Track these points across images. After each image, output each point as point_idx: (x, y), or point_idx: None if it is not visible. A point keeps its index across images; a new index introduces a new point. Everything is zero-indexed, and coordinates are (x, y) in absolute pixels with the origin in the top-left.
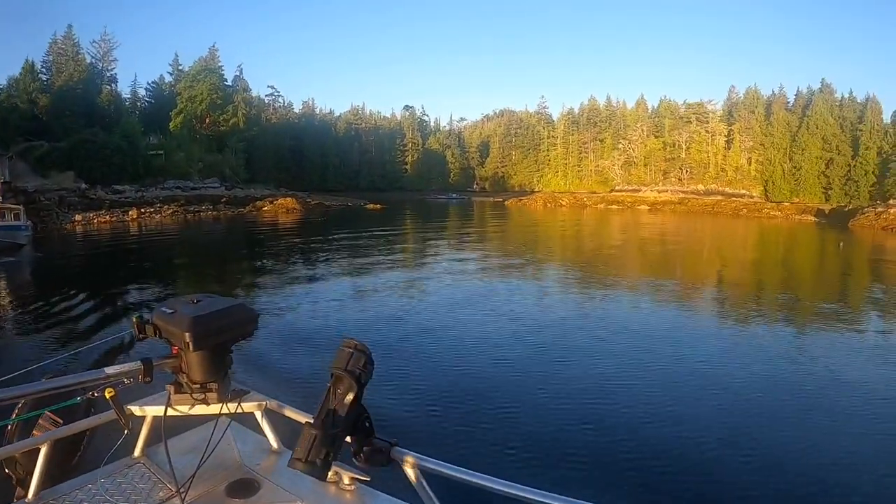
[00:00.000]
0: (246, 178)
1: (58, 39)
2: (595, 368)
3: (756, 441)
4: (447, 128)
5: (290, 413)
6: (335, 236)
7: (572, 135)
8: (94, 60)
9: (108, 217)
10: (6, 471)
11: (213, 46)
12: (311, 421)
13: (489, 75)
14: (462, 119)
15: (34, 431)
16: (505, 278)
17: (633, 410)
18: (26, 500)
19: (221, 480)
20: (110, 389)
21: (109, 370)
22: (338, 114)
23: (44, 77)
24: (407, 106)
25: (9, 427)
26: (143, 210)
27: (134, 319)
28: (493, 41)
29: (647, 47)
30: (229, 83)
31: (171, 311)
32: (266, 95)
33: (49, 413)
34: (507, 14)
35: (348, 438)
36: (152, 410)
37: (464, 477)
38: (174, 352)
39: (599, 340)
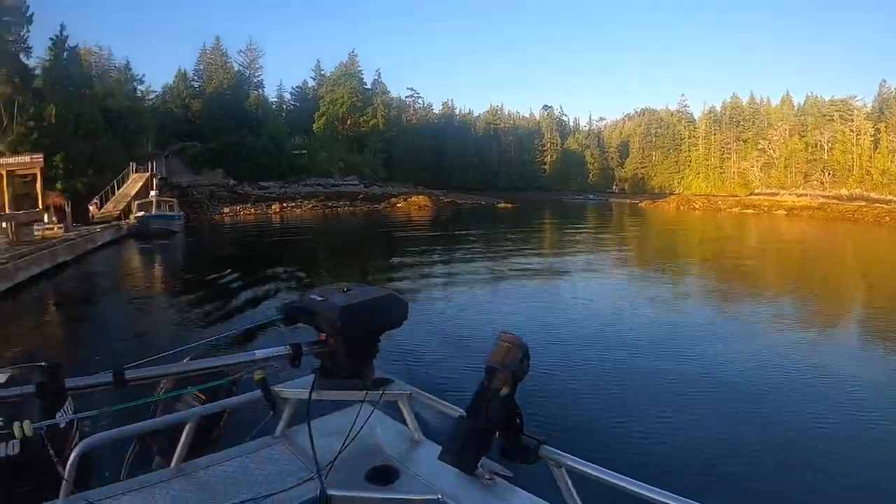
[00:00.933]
0: (384, 176)
1: (207, 50)
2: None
3: None
4: (586, 128)
5: (434, 404)
6: (461, 233)
7: (714, 134)
8: (241, 68)
9: (252, 210)
10: (148, 442)
11: (353, 52)
12: (464, 413)
13: (630, 73)
14: (601, 119)
15: (178, 406)
16: (640, 284)
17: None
18: (167, 470)
19: (361, 466)
20: (259, 372)
21: (260, 353)
22: (477, 114)
23: (195, 84)
24: (546, 106)
25: (153, 403)
26: (285, 204)
27: (284, 305)
28: (633, 39)
29: (791, 40)
30: (369, 87)
31: (321, 298)
32: (406, 97)
33: (195, 391)
34: (648, 11)
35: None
36: (296, 394)
37: (612, 480)
38: (321, 338)
39: (750, 353)
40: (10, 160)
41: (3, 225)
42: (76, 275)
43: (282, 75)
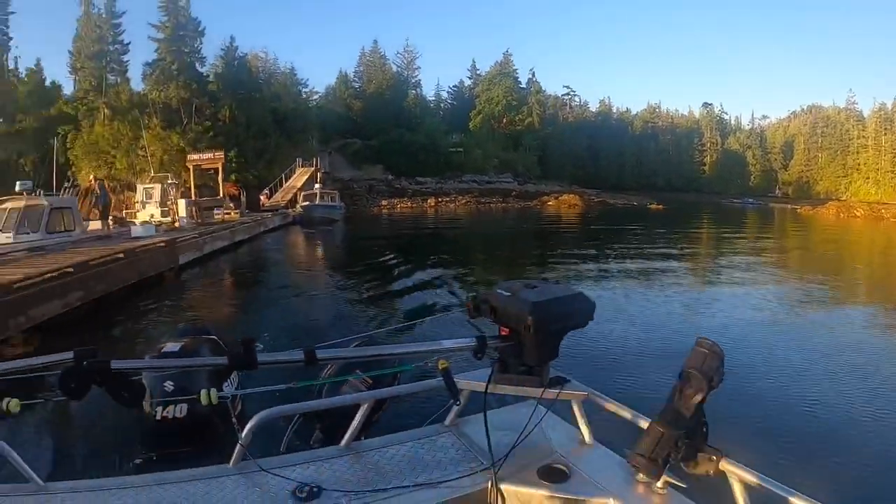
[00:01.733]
0: (538, 174)
1: (366, 52)
2: None
3: None
4: (748, 126)
5: (611, 406)
6: (608, 232)
7: (884, 135)
8: (399, 69)
9: (409, 204)
10: (312, 419)
11: (507, 52)
12: (650, 419)
13: (795, 68)
14: (764, 117)
15: (346, 389)
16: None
17: None
18: (337, 448)
19: (532, 463)
20: (444, 361)
21: (447, 343)
22: (634, 112)
23: (356, 85)
24: (705, 103)
25: (316, 385)
26: (439, 199)
27: (470, 298)
28: (796, 30)
29: None
30: (524, 85)
31: (508, 293)
32: (562, 95)
33: (365, 377)
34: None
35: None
36: (472, 385)
37: (795, 500)
38: (503, 332)
39: None
40: (197, 156)
41: (192, 208)
42: (250, 251)
43: (439, 74)
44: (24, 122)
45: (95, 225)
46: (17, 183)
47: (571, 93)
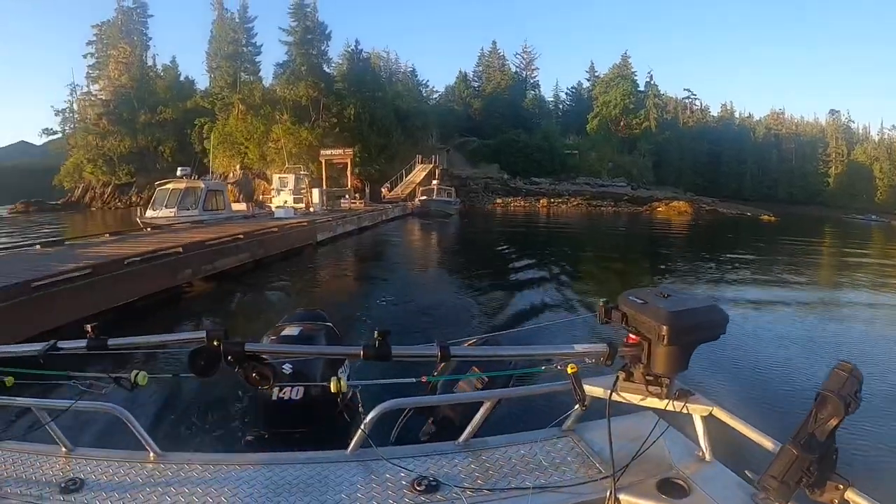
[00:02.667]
0: (652, 180)
1: (485, 52)
2: None
3: None
4: (877, 137)
5: (735, 424)
6: (720, 240)
7: None
8: (518, 69)
9: (522, 202)
10: (426, 414)
11: (625, 54)
12: (789, 441)
13: None
14: (894, 127)
15: (462, 386)
16: None
17: None
18: (455, 444)
19: (651, 476)
20: (573, 365)
21: (579, 347)
22: (757, 118)
23: (475, 84)
24: (832, 110)
25: (428, 380)
26: (552, 200)
27: (601, 303)
28: None
29: None
30: (641, 89)
31: (641, 301)
32: (683, 98)
33: (483, 377)
34: None
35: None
36: (595, 391)
37: None
38: (630, 340)
39: None
40: (329, 152)
41: (324, 197)
42: (373, 236)
43: (558, 75)
44: (164, 114)
45: (238, 206)
46: (178, 168)
47: (692, 96)
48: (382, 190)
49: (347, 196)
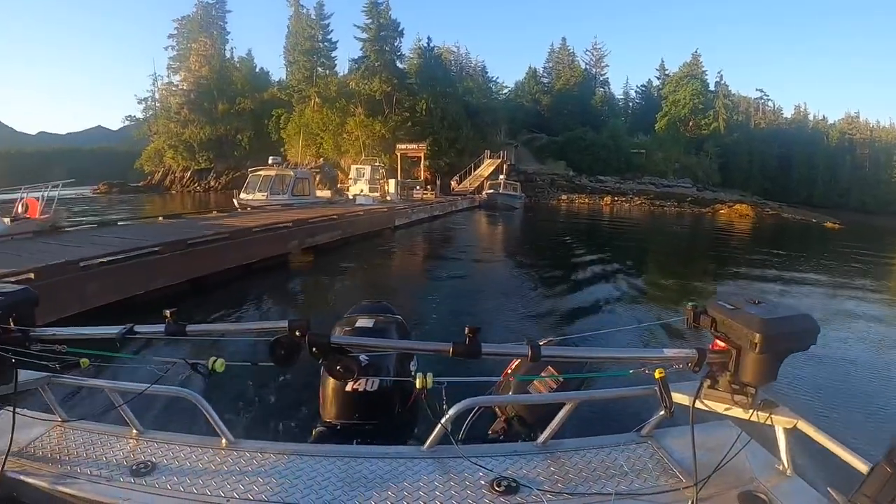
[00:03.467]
0: (718, 181)
1: (555, 49)
2: None
3: None
4: None
5: (820, 438)
6: (783, 243)
7: None
8: (587, 66)
9: (586, 199)
10: (497, 412)
11: (696, 52)
12: (883, 459)
13: None
14: None
15: (537, 386)
16: None
17: None
18: (534, 444)
19: (731, 488)
20: (661, 370)
21: (668, 352)
22: (831, 121)
23: (545, 80)
24: None
25: (501, 380)
26: (615, 198)
27: (688, 307)
28: None
29: None
30: (712, 88)
31: (731, 306)
32: (755, 99)
33: (560, 378)
34: None
35: None
36: (678, 398)
37: None
38: (717, 346)
39: None
40: (405, 146)
41: (399, 186)
42: (443, 224)
43: (629, 72)
44: (243, 104)
45: (321, 193)
46: (270, 158)
47: (765, 96)
48: (451, 182)
49: (419, 187)
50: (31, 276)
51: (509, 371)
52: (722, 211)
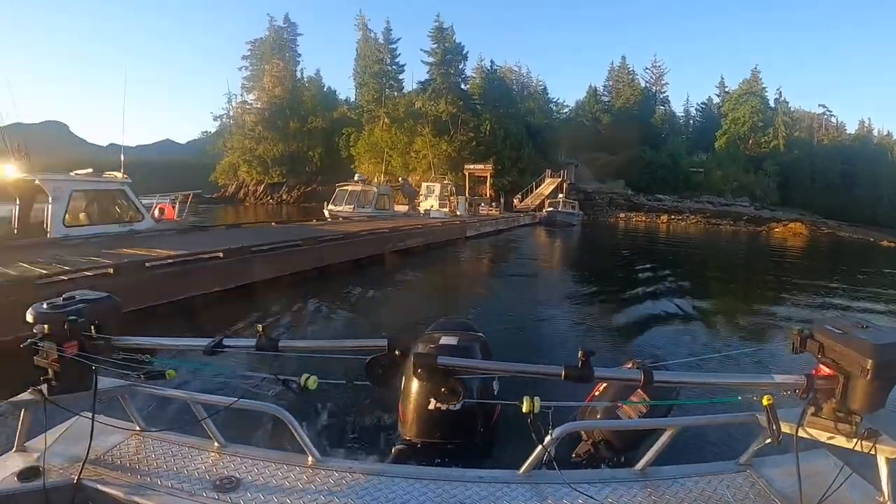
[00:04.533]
0: (776, 200)
1: (615, 67)
2: None
3: None
4: None
5: None
6: (840, 263)
7: None
8: (647, 84)
9: (643, 217)
10: (588, 439)
11: (755, 68)
12: None
13: None
14: None
15: (626, 410)
16: None
17: None
18: (632, 471)
19: None
20: (769, 396)
21: (777, 378)
22: None
23: (605, 99)
24: None
25: (589, 403)
26: (672, 216)
27: (795, 331)
28: None
29: None
30: (771, 105)
31: (839, 331)
32: (819, 115)
33: (650, 402)
34: None
35: None
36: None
37: None
38: (822, 372)
39: None
40: (472, 166)
41: (467, 203)
42: (507, 237)
43: (689, 89)
44: (314, 123)
45: (399, 207)
46: (356, 175)
47: (827, 112)
48: (514, 200)
49: (484, 203)
50: (220, 254)
51: (596, 394)
52: (777, 230)
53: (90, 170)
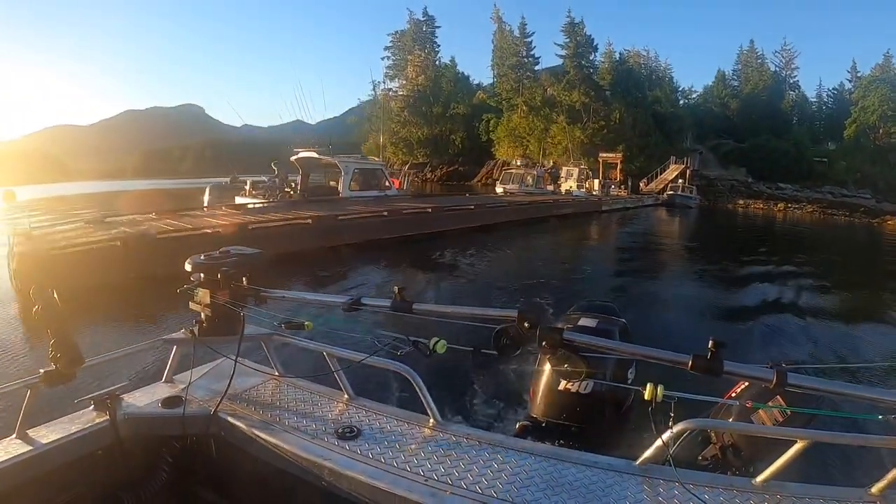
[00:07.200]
0: None
1: (744, 51)
2: None
3: None
4: None
5: None
6: None
7: None
8: (777, 69)
9: (760, 205)
10: (717, 442)
11: (888, 53)
12: None
13: None
14: None
15: (761, 415)
16: None
17: None
18: (753, 482)
19: None
20: None
21: None
22: None
23: (734, 84)
24: None
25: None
26: (788, 205)
27: None
28: None
29: None
30: None
31: None
32: None
33: (788, 410)
34: None
35: None
36: None
37: None
38: None
39: None
40: (605, 154)
41: (601, 186)
42: (633, 214)
43: (821, 74)
44: (456, 109)
45: (548, 187)
46: (519, 159)
47: None
48: (640, 183)
49: (614, 186)
50: (474, 206)
51: (734, 394)
52: (889, 222)
53: (312, 152)
